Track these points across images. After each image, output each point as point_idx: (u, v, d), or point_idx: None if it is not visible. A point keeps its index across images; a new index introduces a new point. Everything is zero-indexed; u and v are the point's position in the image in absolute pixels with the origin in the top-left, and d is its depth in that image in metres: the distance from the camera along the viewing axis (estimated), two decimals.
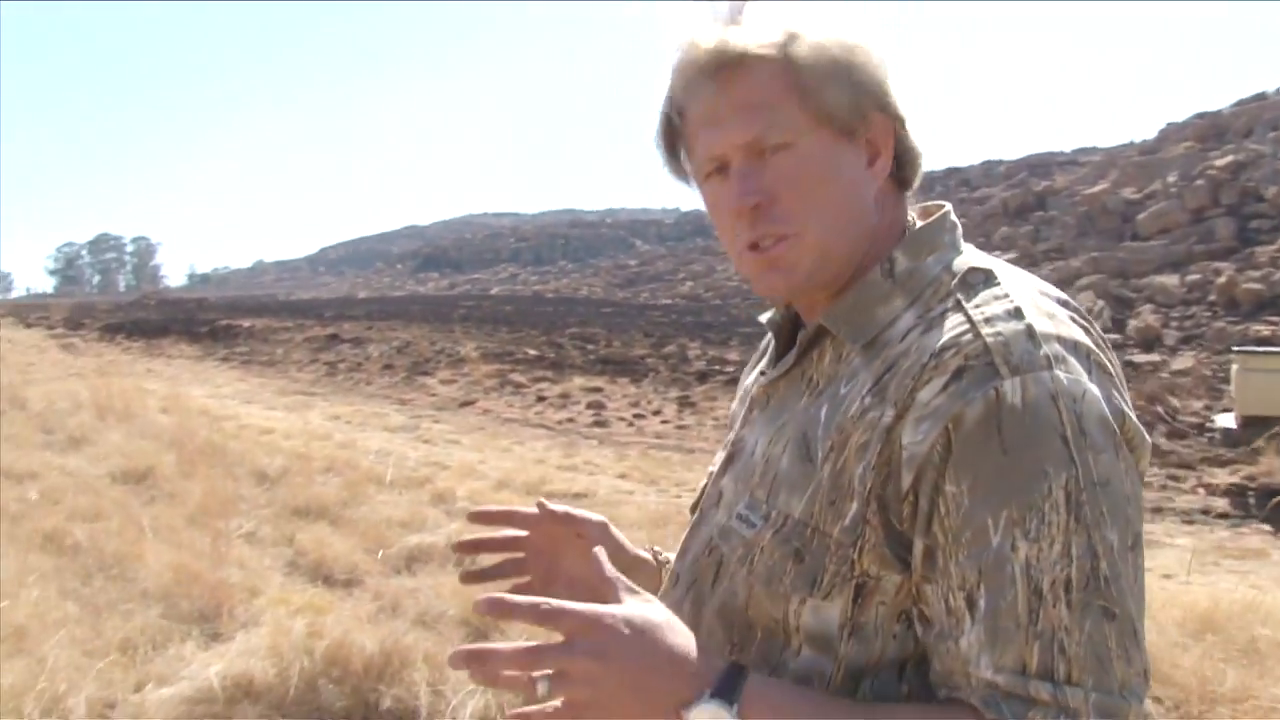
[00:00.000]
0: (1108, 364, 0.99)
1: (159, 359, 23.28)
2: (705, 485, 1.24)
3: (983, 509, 0.91)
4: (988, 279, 1.03)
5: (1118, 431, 0.94)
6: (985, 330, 0.96)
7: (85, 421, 10.91)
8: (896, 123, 1.07)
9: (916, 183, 1.12)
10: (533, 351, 22.99)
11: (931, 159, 1.13)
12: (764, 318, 1.24)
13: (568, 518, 1.32)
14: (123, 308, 40.94)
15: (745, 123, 1.03)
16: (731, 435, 1.22)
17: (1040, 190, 44.96)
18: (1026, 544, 0.89)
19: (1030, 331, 0.95)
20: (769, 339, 1.24)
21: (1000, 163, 64.44)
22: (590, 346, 24.56)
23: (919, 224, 1.11)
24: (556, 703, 0.95)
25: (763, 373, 1.20)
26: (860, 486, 0.97)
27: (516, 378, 18.54)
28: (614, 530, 1.35)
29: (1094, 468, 0.91)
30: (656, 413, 15.08)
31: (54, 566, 5.34)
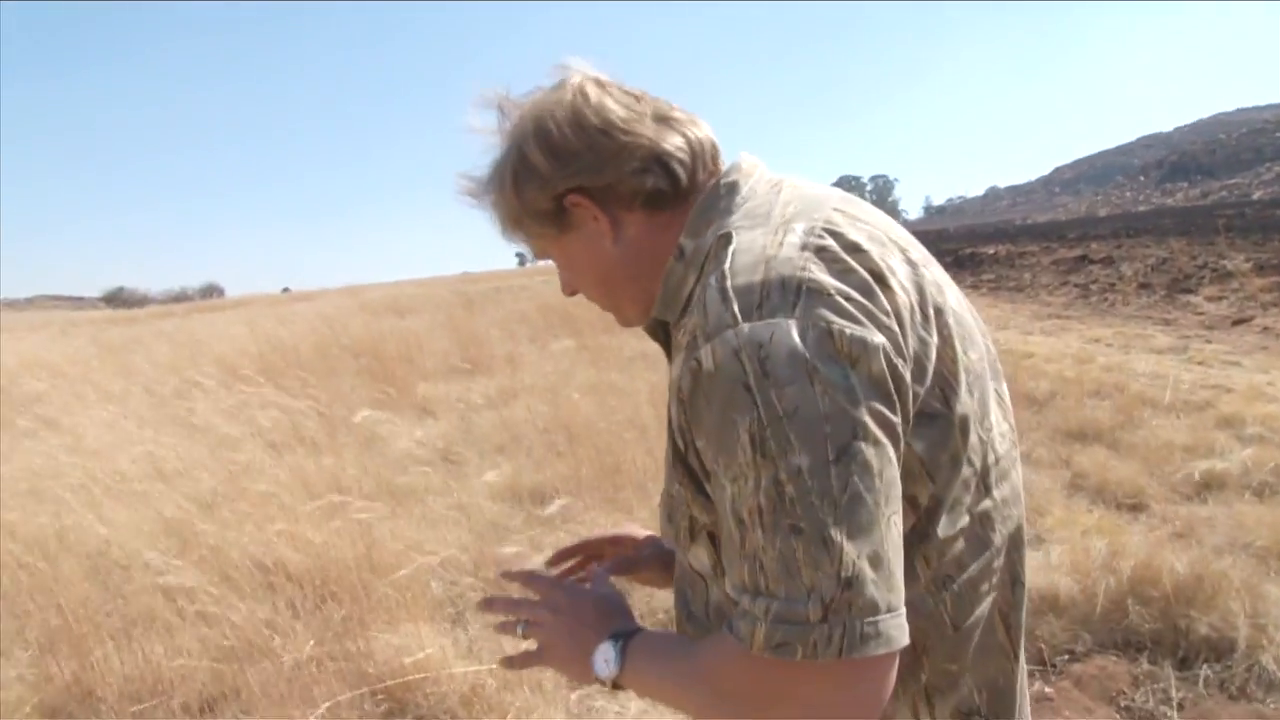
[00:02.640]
0: (826, 286, 1.03)
1: None
2: None
3: (711, 459, 1.05)
4: (726, 242, 1.13)
5: (810, 358, 0.99)
6: (697, 303, 1.09)
7: None
8: (587, 193, 1.22)
9: (685, 183, 1.22)
10: None
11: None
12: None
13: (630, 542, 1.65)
14: None
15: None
16: None
17: None
18: (730, 484, 1.02)
19: (723, 293, 1.05)
20: None
21: None
22: None
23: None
24: (532, 643, 1.36)
25: None
26: (672, 453, 1.15)
27: None
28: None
29: (778, 403, 0.98)
30: None
31: None
